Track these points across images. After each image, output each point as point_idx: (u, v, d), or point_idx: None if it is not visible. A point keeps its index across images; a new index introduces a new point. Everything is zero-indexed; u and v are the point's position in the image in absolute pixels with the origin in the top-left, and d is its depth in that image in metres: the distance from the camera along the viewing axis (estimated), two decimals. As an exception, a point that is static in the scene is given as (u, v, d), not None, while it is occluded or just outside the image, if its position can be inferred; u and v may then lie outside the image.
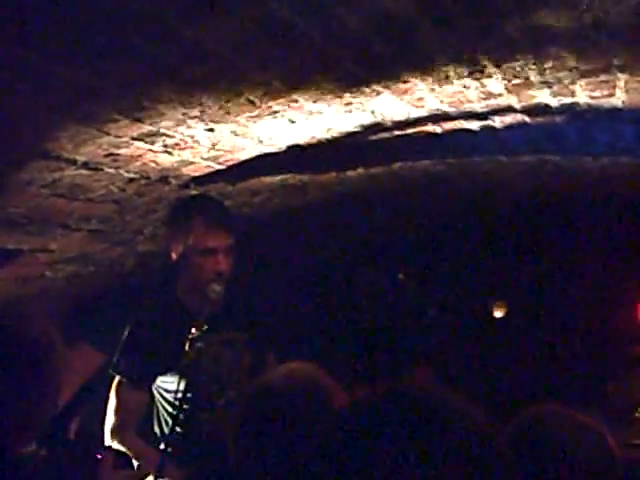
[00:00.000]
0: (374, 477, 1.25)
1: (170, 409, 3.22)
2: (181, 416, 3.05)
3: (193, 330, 3.02)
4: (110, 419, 3.20)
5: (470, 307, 6.46)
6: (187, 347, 2.99)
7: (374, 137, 3.18)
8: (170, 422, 3.12)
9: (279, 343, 3.49)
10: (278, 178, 3.57)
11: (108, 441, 3.16)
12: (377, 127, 3.03)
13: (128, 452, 3.14)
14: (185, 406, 3.05)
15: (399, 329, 5.93)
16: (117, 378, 3.23)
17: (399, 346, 5.76)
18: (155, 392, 3.26)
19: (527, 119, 3.16)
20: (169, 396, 3.21)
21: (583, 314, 5.99)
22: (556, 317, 6.17)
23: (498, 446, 1.34)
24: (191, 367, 3.00)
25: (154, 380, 3.22)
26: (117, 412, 3.18)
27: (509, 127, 3.27)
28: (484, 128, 3.27)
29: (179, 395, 3.00)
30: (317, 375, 2.24)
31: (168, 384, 3.20)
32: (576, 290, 6.09)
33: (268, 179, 3.53)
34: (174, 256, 3.25)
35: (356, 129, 2.99)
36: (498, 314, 6.55)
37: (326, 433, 1.39)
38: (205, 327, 3.01)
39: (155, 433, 3.28)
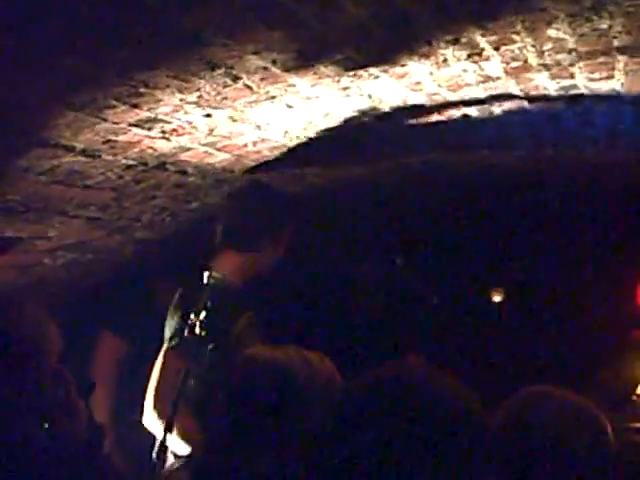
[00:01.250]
0: (365, 460, 1.25)
1: None
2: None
3: (192, 316, 3.04)
4: (152, 387, 3.18)
5: (468, 293, 6.46)
6: (186, 332, 3.01)
7: (372, 123, 3.18)
8: None
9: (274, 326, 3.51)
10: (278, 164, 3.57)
11: (149, 409, 3.15)
12: (374, 112, 3.02)
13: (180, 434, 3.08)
14: None
15: (397, 315, 5.93)
16: (166, 347, 3.23)
17: (397, 332, 5.76)
18: None
19: (525, 103, 3.15)
20: None
21: (582, 299, 6.00)
22: (554, 302, 6.17)
23: (488, 429, 1.35)
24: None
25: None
26: (161, 382, 3.17)
27: (507, 111, 3.26)
28: (482, 112, 3.25)
29: None
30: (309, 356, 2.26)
31: None
32: (575, 275, 6.09)
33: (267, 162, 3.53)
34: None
35: (354, 114, 2.98)
36: (497, 299, 6.55)
37: (325, 418, 1.39)
38: (203, 313, 3.02)
39: None
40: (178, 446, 3.12)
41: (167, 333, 3.31)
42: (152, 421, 3.14)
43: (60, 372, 2.20)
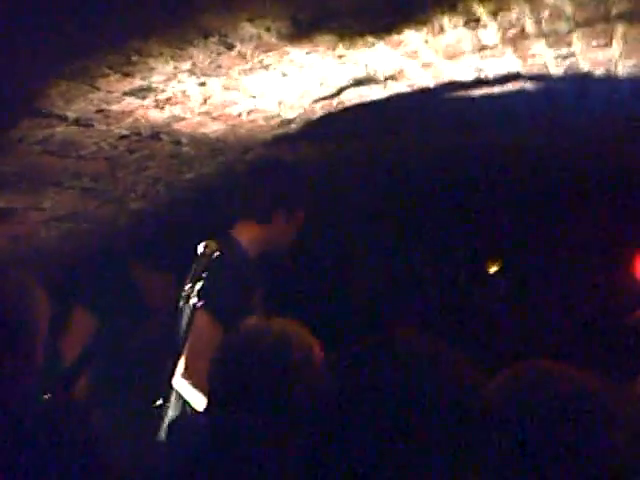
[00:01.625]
0: (358, 427, 1.25)
1: None
2: None
3: (186, 287, 3.03)
4: (186, 351, 3.16)
5: (465, 265, 6.47)
6: (181, 303, 3.01)
7: (369, 94, 3.16)
8: None
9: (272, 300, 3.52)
10: (271, 134, 3.55)
11: (181, 372, 3.12)
12: (370, 81, 3.00)
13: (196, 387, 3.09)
14: None
15: (393, 288, 5.95)
16: (198, 310, 3.20)
17: (393, 305, 5.77)
18: None
19: (522, 71, 3.12)
20: None
21: (580, 272, 6.00)
22: (552, 276, 6.19)
23: (482, 397, 1.34)
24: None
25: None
26: (194, 345, 3.15)
27: (503, 80, 3.24)
28: (478, 82, 3.23)
29: None
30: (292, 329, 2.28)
31: None
32: (572, 249, 6.09)
33: (261, 135, 3.51)
34: None
35: (349, 83, 2.96)
36: (492, 271, 6.56)
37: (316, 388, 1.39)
38: (199, 284, 3.01)
39: None
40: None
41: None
42: (182, 383, 3.14)
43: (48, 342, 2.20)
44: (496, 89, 3.32)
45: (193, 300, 3.02)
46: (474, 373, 1.35)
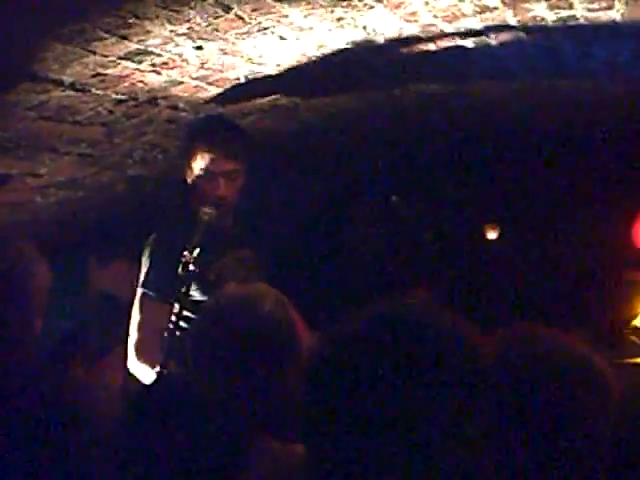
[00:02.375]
0: (358, 396, 1.25)
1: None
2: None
3: (185, 253, 3.03)
4: (134, 336, 3.18)
5: (465, 230, 6.46)
6: (180, 270, 3.00)
7: (367, 56, 3.12)
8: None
9: (275, 265, 3.50)
10: (269, 99, 3.52)
11: (133, 358, 3.15)
12: (369, 44, 2.97)
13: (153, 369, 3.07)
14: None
15: (392, 252, 5.94)
16: (140, 294, 3.22)
17: (392, 270, 5.77)
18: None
19: (523, 35, 3.09)
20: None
21: (578, 236, 6.00)
22: (550, 239, 6.18)
23: (485, 361, 1.34)
24: (211, 285, 3.05)
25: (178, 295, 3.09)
26: (141, 329, 3.17)
27: (504, 44, 3.21)
28: (479, 45, 3.20)
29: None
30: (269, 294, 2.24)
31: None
32: (572, 212, 6.08)
33: (259, 100, 3.48)
34: (184, 175, 3.31)
35: (348, 46, 2.92)
36: (491, 236, 6.55)
37: (315, 355, 1.38)
38: (197, 251, 3.01)
39: None
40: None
41: (152, 280, 3.27)
42: (137, 367, 3.16)
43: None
44: (497, 51, 3.29)
45: (192, 267, 3.02)
46: (474, 335, 1.34)
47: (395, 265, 5.76)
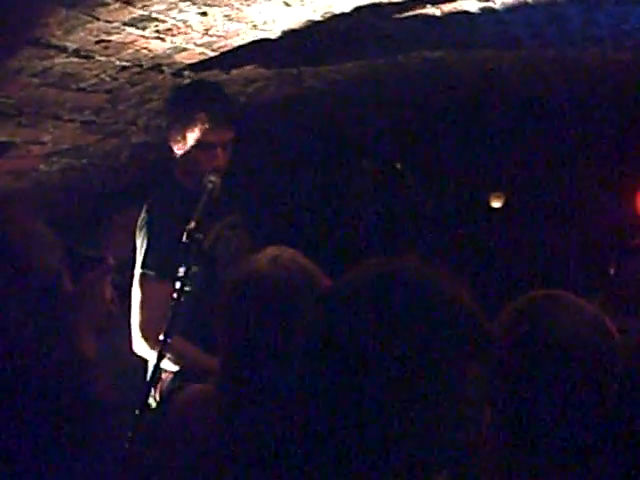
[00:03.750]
0: (362, 355, 1.25)
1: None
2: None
3: (192, 223, 3.02)
4: (137, 317, 3.19)
5: (469, 198, 6.45)
6: (185, 238, 2.99)
7: (371, 22, 3.10)
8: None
9: (274, 230, 3.50)
10: (273, 65, 3.50)
11: (138, 339, 3.15)
12: (374, 9, 2.94)
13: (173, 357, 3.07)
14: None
15: (397, 220, 5.94)
16: (139, 274, 3.21)
17: (397, 238, 5.77)
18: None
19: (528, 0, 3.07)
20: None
21: (583, 204, 5.99)
22: (555, 208, 6.17)
23: (489, 331, 1.34)
24: (207, 254, 3.04)
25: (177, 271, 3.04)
26: (144, 309, 3.17)
27: (509, 9, 3.18)
28: (484, 10, 3.17)
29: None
30: (300, 259, 2.24)
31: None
32: (576, 180, 6.07)
33: (263, 66, 3.46)
34: (173, 145, 3.22)
35: (352, 11, 2.90)
36: (496, 205, 6.54)
37: (312, 314, 1.37)
38: (201, 219, 3.01)
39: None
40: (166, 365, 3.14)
41: (151, 259, 3.24)
42: (143, 347, 3.16)
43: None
44: (503, 17, 3.26)
45: (198, 236, 3.01)
46: (474, 303, 1.34)
47: (395, 232, 5.76)
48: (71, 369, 1.65)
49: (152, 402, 3.02)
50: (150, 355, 3.11)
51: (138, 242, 3.26)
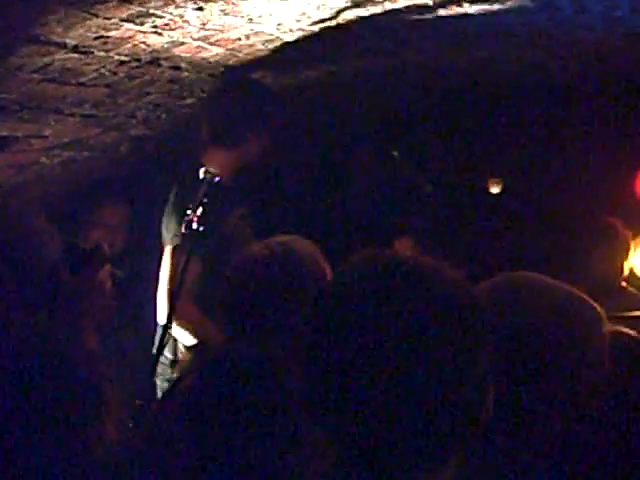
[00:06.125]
0: (357, 341, 1.29)
1: None
2: None
3: (188, 212, 3.07)
4: (164, 288, 3.26)
5: (465, 184, 6.47)
6: (183, 228, 3.05)
7: (367, 15, 3.13)
8: None
9: (275, 217, 3.56)
10: (270, 58, 3.53)
11: (163, 311, 3.22)
12: (369, 3, 2.98)
13: (182, 323, 3.18)
14: None
15: (394, 205, 5.95)
16: (169, 248, 3.29)
17: (393, 222, 5.79)
18: None
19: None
20: None
21: (576, 187, 6.01)
22: (550, 191, 6.19)
23: (479, 305, 1.36)
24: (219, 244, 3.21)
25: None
26: (172, 281, 3.23)
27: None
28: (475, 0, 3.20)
29: None
30: (301, 246, 2.29)
31: None
32: (571, 164, 6.09)
33: (261, 59, 3.50)
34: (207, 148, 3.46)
35: (347, 4, 2.94)
36: (494, 190, 6.55)
37: (310, 300, 1.41)
38: (200, 209, 3.05)
39: None
40: (183, 337, 3.23)
41: (168, 233, 3.36)
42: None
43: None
44: (495, 6, 3.29)
45: (195, 226, 3.06)
46: (468, 284, 1.38)
47: (393, 217, 5.77)
48: (75, 363, 1.68)
49: (164, 359, 3.14)
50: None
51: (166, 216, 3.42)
